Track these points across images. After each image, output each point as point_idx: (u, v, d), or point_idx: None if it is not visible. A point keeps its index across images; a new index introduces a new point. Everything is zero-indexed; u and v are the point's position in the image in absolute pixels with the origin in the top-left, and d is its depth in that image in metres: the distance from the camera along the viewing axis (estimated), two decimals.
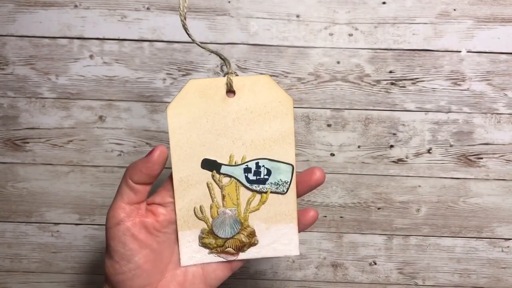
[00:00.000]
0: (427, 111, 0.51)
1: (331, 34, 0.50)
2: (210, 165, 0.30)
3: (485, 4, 0.49)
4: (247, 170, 0.30)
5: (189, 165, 0.30)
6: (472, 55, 0.50)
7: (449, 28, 0.50)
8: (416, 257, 0.55)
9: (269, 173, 0.30)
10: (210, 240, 0.31)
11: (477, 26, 0.50)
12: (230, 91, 0.30)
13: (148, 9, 0.50)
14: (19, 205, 0.54)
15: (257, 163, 0.30)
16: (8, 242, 0.55)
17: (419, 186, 0.53)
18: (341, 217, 0.54)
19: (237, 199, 0.31)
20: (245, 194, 0.31)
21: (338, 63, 0.51)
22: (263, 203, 0.31)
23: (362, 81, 0.51)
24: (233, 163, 0.30)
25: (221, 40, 0.50)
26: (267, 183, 0.30)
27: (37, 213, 0.54)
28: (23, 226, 0.55)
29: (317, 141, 0.52)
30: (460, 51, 0.50)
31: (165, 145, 0.29)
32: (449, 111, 0.51)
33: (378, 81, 0.51)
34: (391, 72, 0.51)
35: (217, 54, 0.30)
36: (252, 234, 0.31)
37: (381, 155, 0.52)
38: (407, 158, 0.52)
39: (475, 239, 0.54)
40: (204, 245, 0.31)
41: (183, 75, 0.51)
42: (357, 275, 0.56)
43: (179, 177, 0.30)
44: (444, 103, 0.51)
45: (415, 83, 0.51)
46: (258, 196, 0.31)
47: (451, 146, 0.52)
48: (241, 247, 0.31)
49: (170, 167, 0.30)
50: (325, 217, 0.54)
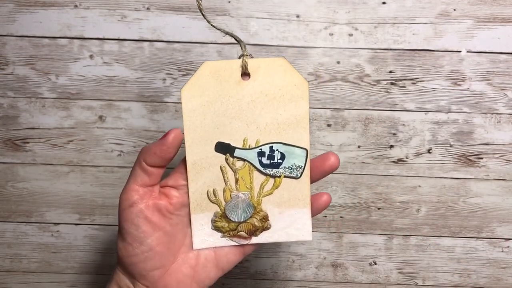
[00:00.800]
0: (427, 111, 0.51)
1: (331, 34, 0.50)
2: (223, 148, 0.30)
3: (485, 4, 0.49)
4: (261, 154, 0.30)
5: (202, 148, 0.30)
6: (472, 55, 0.50)
7: (449, 28, 0.50)
8: (416, 257, 0.55)
9: (283, 157, 0.30)
10: (222, 223, 0.31)
11: (477, 26, 0.50)
12: (245, 73, 0.29)
13: (148, 9, 0.50)
14: (19, 205, 0.54)
15: (271, 147, 0.30)
16: (8, 242, 0.55)
17: (419, 186, 0.53)
18: (341, 217, 0.54)
19: (251, 183, 0.30)
20: (258, 178, 0.30)
21: (338, 63, 0.51)
22: (277, 188, 0.31)
23: (362, 81, 0.51)
24: (247, 147, 0.30)
25: (221, 40, 0.50)
26: (280, 167, 0.30)
27: (37, 213, 0.54)
28: (23, 226, 0.55)
29: (317, 141, 0.52)
30: (460, 51, 0.50)
31: (180, 128, 0.29)
32: (449, 111, 0.51)
33: (378, 81, 0.51)
34: (391, 72, 0.51)
35: (232, 35, 0.30)
36: (265, 218, 0.31)
37: (381, 155, 0.52)
38: (407, 158, 0.52)
39: (475, 239, 0.54)
40: (216, 229, 0.31)
41: (183, 75, 0.51)
42: (357, 275, 0.56)
43: (193, 160, 0.30)
44: (444, 103, 0.51)
45: (415, 83, 0.51)
46: (271, 180, 0.31)
47: (451, 146, 0.52)
48: (254, 231, 0.31)
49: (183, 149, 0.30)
50: (325, 217, 0.54)
